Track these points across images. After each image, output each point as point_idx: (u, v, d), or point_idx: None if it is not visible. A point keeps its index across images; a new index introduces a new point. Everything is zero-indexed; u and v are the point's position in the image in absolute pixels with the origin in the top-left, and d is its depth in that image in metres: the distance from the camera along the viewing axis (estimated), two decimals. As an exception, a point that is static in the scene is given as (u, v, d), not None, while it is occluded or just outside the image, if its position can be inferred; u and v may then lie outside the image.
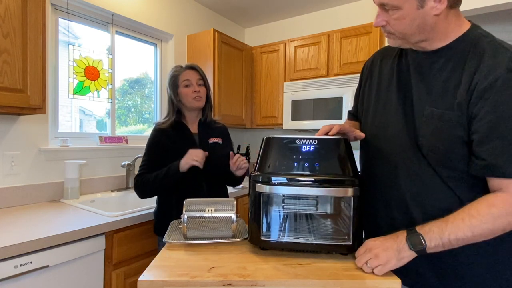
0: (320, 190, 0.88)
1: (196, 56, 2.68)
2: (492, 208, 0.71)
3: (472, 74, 0.74)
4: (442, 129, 0.78)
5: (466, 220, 0.72)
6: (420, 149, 0.83)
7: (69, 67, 1.95)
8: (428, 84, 0.82)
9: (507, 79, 0.69)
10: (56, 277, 1.24)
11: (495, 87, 0.70)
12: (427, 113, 0.81)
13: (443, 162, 0.80)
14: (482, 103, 0.72)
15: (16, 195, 1.67)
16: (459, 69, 0.77)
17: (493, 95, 0.70)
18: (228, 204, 1.04)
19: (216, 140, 1.55)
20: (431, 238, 0.73)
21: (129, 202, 2.01)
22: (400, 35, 0.81)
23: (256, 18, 3.24)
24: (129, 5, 2.27)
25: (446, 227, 0.73)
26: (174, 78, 1.49)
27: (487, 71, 0.72)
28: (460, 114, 0.75)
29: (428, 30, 0.78)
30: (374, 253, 0.78)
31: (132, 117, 2.49)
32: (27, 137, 1.73)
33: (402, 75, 0.90)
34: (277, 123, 2.89)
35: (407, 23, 0.77)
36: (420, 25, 0.77)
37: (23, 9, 1.39)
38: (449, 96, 0.77)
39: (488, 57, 0.74)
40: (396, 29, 0.80)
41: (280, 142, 0.96)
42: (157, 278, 0.77)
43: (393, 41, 0.86)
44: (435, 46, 0.82)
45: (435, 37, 0.80)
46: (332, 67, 2.59)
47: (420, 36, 0.80)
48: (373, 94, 0.99)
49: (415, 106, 0.84)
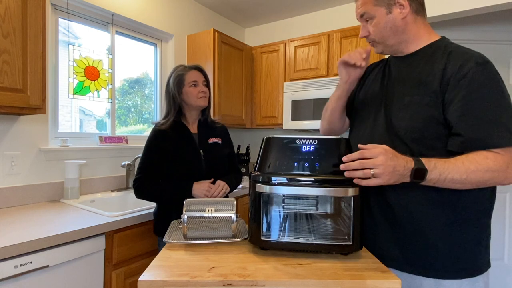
0: (320, 190, 0.88)
1: (196, 56, 2.68)
2: (488, 160, 0.81)
3: (442, 68, 0.89)
4: (419, 111, 0.91)
5: (466, 164, 0.81)
6: (396, 132, 0.94)
7: (69, 67, 1.95)
8: (406, 79, 0.98)
9: (476, 70, 0.84)
10: (56, 277, 1.24)
11: (467, 77, 0.84)
12: (406, 101, 0.94)
13: (418, 139, 0.91)
14: (457, 90, 0.85)
15: (16, 195, 1.67)
16: (429, 64, 0.93)
17: (466, 83, 0.84)
18: (228, 204, 1.04)
19: (216, 140, 1.55)
20: (432, 174, 0.82)
21: (129, 202, 2.01)
22: (379, 39, 1.00)
23: (256, 18, 3.24)
24: (129, 5, 2.27)
25: (448, 167, 0.82)
26: (179, 77, 1.49)
27: (460, 65, 0.86)
28: (435, 99, 0.89)
29: (400, 31, 0.97)
30: (383, 168, 0.80)
31: (132, 117, 2.49)
32: (27, 137, 1.73)
33: (385, 78, 1.07)
34: (277, 123, 2.89)
35: (381, 27, 0.97)
36: (392, 28, 0.97)
37: (23, 9, 1.39)
38: (424, 86, 0.92)
39: (456, 55, 0.89)
40: (375, 35, 0.99)
41: (280, 142, 0.96)
42: (157, 278, 0.77)
43: (376, 49, 1.04)
44: (411, 49, 1.00)
45: (409, 39, 0.98)
46: (332, 67, 2.59)
47: (395, 38, 0.98)
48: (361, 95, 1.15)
49: (396, 100, 0.98)
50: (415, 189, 0.90)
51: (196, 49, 2.68)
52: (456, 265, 0.89)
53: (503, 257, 2.53)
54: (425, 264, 0.90)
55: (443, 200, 0.89)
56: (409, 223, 0.93)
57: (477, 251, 0.90)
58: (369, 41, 1.04)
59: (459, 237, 0.89)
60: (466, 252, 0.89)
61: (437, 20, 2.32)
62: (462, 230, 0.89)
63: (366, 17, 0.99)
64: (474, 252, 0.89)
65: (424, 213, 0.91)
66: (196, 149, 1.48)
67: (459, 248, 0.89)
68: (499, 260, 2.51)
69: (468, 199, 0.89)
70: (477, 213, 0.90)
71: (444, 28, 2.47)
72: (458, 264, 0.89)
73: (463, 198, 0.88)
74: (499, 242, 2.52)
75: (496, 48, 2.52)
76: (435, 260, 0.90)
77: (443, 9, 2.23)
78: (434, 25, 2.42)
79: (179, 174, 1.43)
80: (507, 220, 2.53)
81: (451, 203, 0.89)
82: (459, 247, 0.89)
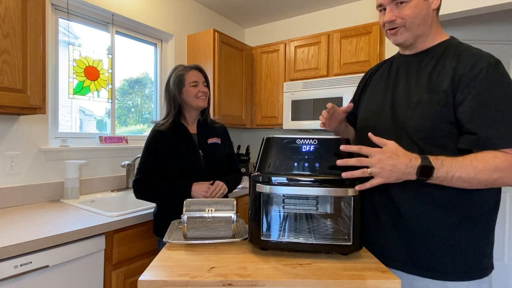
0: (320, 190, 0.88)
1: (196, 56, 2.68)
2: (496, 159, 0.80)
3: (453, 68, 0.89)
4: (429, 110, 0.90)
5: (474, 162, 0.80)
6: (406, 131, 0.93)
7: (69, 67, 1.95)
8: (416, 78, 0.96)
9: (489, 70, 0.84)
10: (56, 277, 1.24)
11: (479, 76, 0.84)
12: (415, 100, 0.93)
13: (428, 138, 0.90)
14: (469, 89, 0.85)
15: (16, 195, 1.67)
16: (441, 63, 0.93)
17: (479, 82, 0.84)
18: (228, 204, 1.04)
19: (215, 140, 1.55)
20: (439, 172, 0.80)
21: (129, 202, 2.01)
22: (410, 24, 0.94)
23: (256, 18, 3.24)
24: (129, 5, 2.27)
25: (456, 165, 0.80)
26: (180, 77, 1.49)
27: (472, 65, 0.86)
28: (445, 98, 0.88)
29: (429, 23, 0.95)
30: (379, 166, 0.80)
31: (132, 117, 2.49)
32: (27, 137, 1.73)
33: (391, 77, 1.05)
34: (277, 123, 2.89)
35: (417, 11, 0.93)
36: (425, 16, 0.94)
37: (23, 9, 1.39)
38: (434, 85, 0.91)
39: (468, 55, 0.89)
40: (409, 18, 0.93)
41: (280, 142, 0.96)
42: (157, 278, 0.77)
43: (399, 36, 0.97)
44: (427, 45, 0.98)
45: (430, 34, 0.97)
46: (332, 67, 2.59)
47: (423, 27, 0.95)
48: (366, 96, 1.13)
49: (401, 98, 0.97)
50: (421, 188, 0.89)
51: (196, 49, 2.68)
52: (462, 267, 0.88)
53: (503, 257, 2.52)
54: (431, 265, 0.90)
55: (450, 201, 0.88)
56: (415, 224, 0.92)
57: (483, 253, 0.89)
58: (392, 27, 0.97)
59: (465, 239, 0.88)
60: (472, 254, 0.88)
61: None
62: (468, 232, 0.88)
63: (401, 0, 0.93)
64: (480, 254, 0.89)
65: (430, 214, 0.90)
66: (196, 149, 1.48)
67: (465, 250, 0.88)
68: (499, 260, 2.51)
69: (475, 200, 0.88)
70: (483, 214, 0.89)
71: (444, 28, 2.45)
72: (464, 266, 0.88)
73: (469, 199, 0.88)
74: (499, 242, 2.51)
75: (496, 48, 2.52)
76: (441, 261, 0.89)
77: (443, 9, 2.23)
78: (434, 25, 2.41)
79: (179, 175, 1.43)
80: (507, 220, 2.53)
81: (457, 204, 0.88)
82: (465, 248, 0.88)
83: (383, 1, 0.96)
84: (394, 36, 0.98)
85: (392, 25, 0.96)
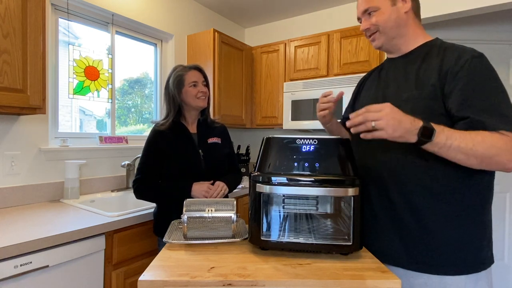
0: (320, 190, 0.88)
1: (196, 56, 2.68)
2: (493, 136, 0.82)
3: (439, 63, 0.93)
4: (420, 104, 0.93)
5: (473, 135, 0.83)
6: None
7: (69, 67, 1.95)
8: (404, 77, 1.01)
9: (473, 62, 0.89)
10: (56, 277, 1.24)
11: (464, 67, 0.89)
12: (405, 97, 0.97)
13: None
14: (456, 81, 0.89)
15: (16, 195, 1.67)
16: (426, 62, 0.98)
17: (465, 73, 0.88)
18: (228, 204, 1.04)
19: (215, 140, 1.55)
20: (439, 137, 0.82)
21: (129, 202, 2.01)
22: (383, 29, 1.03)
23: (256, 18, 3.24)
24: (129, 5, 2.27)
25: (455, 134, 0.83)
26: (179, 78, 1.49)
27: (456, 59, 0.91)
28: (434, 92, 0.92)
29: (403, 25, 1.02)
30: (386, 120, 0.81)
31: (132, 117, 2.49)
32: (27, 137, 1.73)
33: (381, 80, 1.11)
34: (277, 123, 2.89)
35: (386, 16, 1.01)
36: (396, 19, 1.01)
37: (23, 9, 1.39)
38: (422, 81, 0.96)
39: (452, 50, 0.94)
40: (380, 24, 1.02)
41: (280, 142, 0.96)
42: (157, 278, 0.77)
43: (377, 41, 1.07)
44: (410, 46, 1.04)
45: (408, 35, 1.03)
46: (332, 67, 2.59)
47: (397, 30, 1.02)
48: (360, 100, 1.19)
49: (392, 97, 1.01)
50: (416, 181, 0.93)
51: (196, 49, 2.68)
52: (460, 260, 0.89)
53: (503, 257, 2.53)
54: (429, 259, 0.91)
55: (443, 191, 0.90)
56: (412, 219, 0.93)
57: (479, 246, 0.91)
58: (370, 34, 1.07)
59: (462, 231, 0.90)
60: (469, 247, 0.90)
61: (437, 20, 2.31)
62: (465, 224, 0.90)
63: (370, 10, 1.03)
64: (477, 246, 0.90)
65: (426, 207, 0.92)
66: (196, 149, 1.48)
67: (462, 243, 0.90)
68: (499, 260, 2.51)
69: (467, 188, 0.90)
70: (478, 203, 0.91)
71: (444, 28, 2.47)
72: (461, 258, 0.89)
73: (462, 188, 0.90)
74: (499, 242, 2.52)
75: (496, 48, 2.52)
76: (438, 255, 0.90)
77: (443, 9, 2.23)
78: (434, 26, 2.42)
79: (179, 174, 1.43)
80: (507, 220, 2.53)
81: (451, 193, 0.90)
82: (462, 241, 0.90)
83: (358, 14, 1.08)
84: (373, 42, 1.08)
85: (368, 32, 1.07)
